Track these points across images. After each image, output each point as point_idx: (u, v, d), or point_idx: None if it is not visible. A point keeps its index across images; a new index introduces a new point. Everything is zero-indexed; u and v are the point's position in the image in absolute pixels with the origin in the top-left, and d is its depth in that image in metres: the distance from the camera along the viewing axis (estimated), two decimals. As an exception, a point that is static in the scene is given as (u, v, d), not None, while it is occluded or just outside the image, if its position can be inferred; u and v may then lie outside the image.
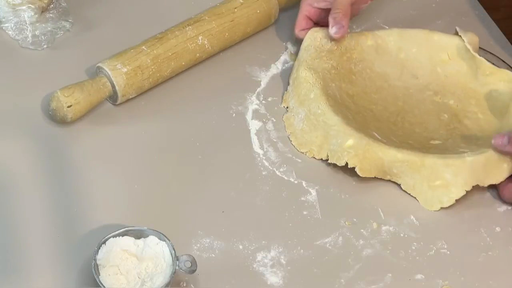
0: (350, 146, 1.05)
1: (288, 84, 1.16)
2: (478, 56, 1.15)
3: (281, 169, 1.08)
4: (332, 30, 1.15)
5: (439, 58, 1.18)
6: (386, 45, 1.18)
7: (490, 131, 1.11)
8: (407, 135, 1.10)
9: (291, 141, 1.11)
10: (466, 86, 1.16)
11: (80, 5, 1.24)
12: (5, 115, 1.10)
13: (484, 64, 1.15)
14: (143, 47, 1.13)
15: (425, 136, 1.10)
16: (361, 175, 1.05)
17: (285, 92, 1.16)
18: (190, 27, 1.16)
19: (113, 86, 1.10)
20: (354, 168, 1.05)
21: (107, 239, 0.94)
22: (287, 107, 1.14)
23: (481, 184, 1.04)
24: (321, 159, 1.09)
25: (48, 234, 0.99)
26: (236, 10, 1.19)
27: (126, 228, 0.95)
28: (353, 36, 1.17)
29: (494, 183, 1.04)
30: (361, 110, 1.12)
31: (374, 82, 1.16)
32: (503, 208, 1.06)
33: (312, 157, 1.09)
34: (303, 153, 1.09)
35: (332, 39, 1.16)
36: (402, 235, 1.02)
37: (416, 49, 1.18)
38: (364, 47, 1.17)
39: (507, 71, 1.15)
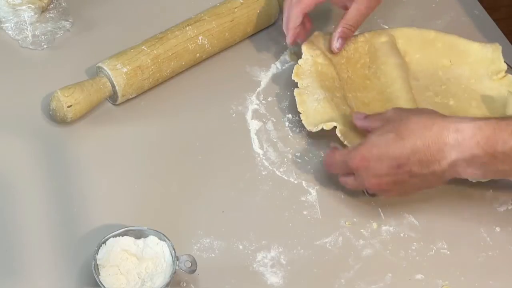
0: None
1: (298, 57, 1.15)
2: (503, 62, 1.15)
3: (281, 169, 1.08)
4: (337, 44, 1.14)
5: (441, 64, 1.18)
6: (396, 44, 1.19)
7: None
8: None
9: (301, 120, 1.09)
10: (468, 88, 1.17)
11: (80, 5, 1.24)
12: (5, 115, 1.10)
13: (504, 69, 1.15)
14: (143, 47, 1.13)
15: None
16: None
17: (297, 65, 1.13)
18: (190, 27, 1.16)
19: (113, 86, 1.10)
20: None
21: (107, 239, 0.94)
22: (297, 82, 1.12)
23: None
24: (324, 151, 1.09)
25: (48, 234, 0.99)
26: (236, 10, 1.19)
27: (126, 228, 0.95)
28: (367, 39, 1.17)
29: (482, 180, 1.04)
30: None
31: (389, 75, 1.15)
32: (503, 208, 1.06)
33: (319, 129, 1.07)
34: (310, 131, 1.08)
35: (330, 51, 1.15)
36: (402, 235, 1.02)
37: (419, 55, 1.18)
38: (377, 45, 1.17)
39: None
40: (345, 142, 1.05)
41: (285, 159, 1.09)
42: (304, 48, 1.14)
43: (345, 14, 1.14)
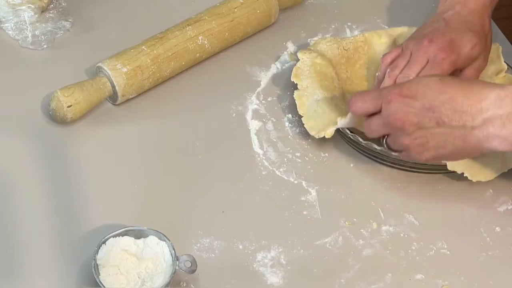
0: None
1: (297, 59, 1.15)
2: (503, 62, 1.16)
3: (281, 169, 1.08)
4: None
5: None
6: (396, 45, 1.19)
7: None
8: None
9: (303, 123, 1.09)
10: None
11: (80, 5, 1.24)
12: (5, 115, 1.10)
13: (504, 69, 1.16)
14: (143, 47, 1.13)
15: None
16: None
17: (296, 67, 1.14)
18: (190, 27, 1.16)
19: (113, 86, 1.10)
20: (354, 165, 1.06)
21: (107, 239, 0.94)
22: (297, 84, 1.12)
23: (470, 177, 1.04)
24: (325, 158, 1.09)
25: (48, 234, 0.99)
26: (236, 10, 1.19)
27: (126, 228, 0.95)
28: (367, 39, 1.18)
29: (482, 180, 1.04)
30: None
31: None
32: (503, 208, 1.06)
33: (321, 137, 1.07)
34: (313, 137, 1.08)
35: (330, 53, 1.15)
36: (402, 235, 1.02)
37: None
38: (377, 46, 1.18)
39: None
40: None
41: (285, 159, 1.09)
42: (299, 54, 1.14)
43: (462, 74, 1.11)
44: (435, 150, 0.95)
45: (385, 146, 1.00)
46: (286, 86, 1.17)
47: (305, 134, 1.11)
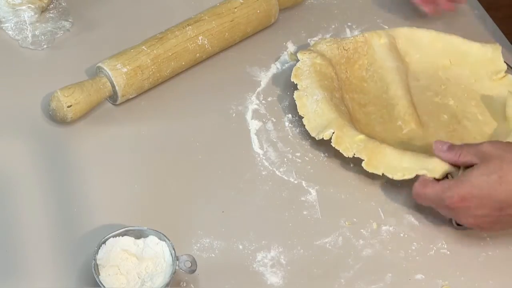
0: (361, 139, 1.04)
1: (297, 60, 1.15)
2: (503, 62, 1.16)
3: (281, 169, 1.08)
4: None
5: (441, 64, 1.18)
6: (396, 45, 1.19)
7: (489, 133, 1.11)
8: (410, 140, 1.10)
9: (303, 123, 1.09)
10: (467, 87, 1.17)
11: (80, 5, 1.24)
12: (5, 115, 1.10)
13: (503, 69, 1.16)
14: (143, 47, 1.13)
15: (427, 142, 1.10)
16: (368, 170, 1.03)
17: (295, 67, 1.14)
18: (190, 27, 1.16)
19: (113, 86, 1.10)
20: (354, 165, 1.05)
21: (107, 239, 0.94)
22: (297, 84, 1.12)
23: None
24: (326, 155, 1.09)
25: (48, 234, 0.99)
26: (236, 10, 1.19)
27: (126, 228, 0.95)
28: (367, 39, 1.18)
29: None
30: (371, 120, 1.12)
31: (385, 80, 1.15)
32: (503, 208, 1.06)
33: (320, 138, 1.07)
34: (313, 137, 1.08)
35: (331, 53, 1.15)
36: (402, 235, 1.02)
37: (419, 55, 1.19)
38: (376, 47, 1.18)
39: None
40: (340, 150, 1.05)
41: (285, 159, 1.09)
42: (299, 55, 1.14)
43: None
44: None
45: (455, 225, 1.01)
46: (286, 86, 1.17)
47: (305, 134, 1.11)
